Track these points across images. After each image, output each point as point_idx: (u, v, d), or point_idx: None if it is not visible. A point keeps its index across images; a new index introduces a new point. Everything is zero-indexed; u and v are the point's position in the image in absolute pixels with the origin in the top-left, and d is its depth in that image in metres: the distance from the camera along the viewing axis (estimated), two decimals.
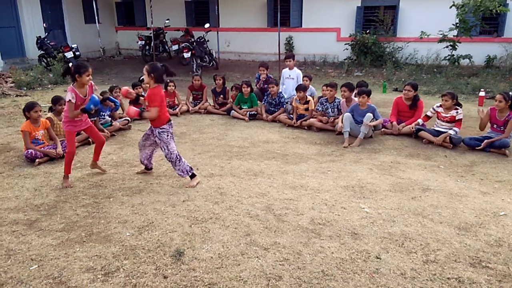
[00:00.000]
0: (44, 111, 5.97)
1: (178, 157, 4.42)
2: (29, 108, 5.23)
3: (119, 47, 17.80)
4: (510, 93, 6.02)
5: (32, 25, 13.67)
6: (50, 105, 5.88)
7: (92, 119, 6.24)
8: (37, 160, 5.11)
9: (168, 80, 8.23)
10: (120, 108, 7.33)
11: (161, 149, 4.46)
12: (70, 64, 4.33)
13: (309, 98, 7.06)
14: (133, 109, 4.34)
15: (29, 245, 3.29)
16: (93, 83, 4.54)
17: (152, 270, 2.95)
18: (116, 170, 4.99)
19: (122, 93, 4.52)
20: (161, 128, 4.36)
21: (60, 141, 5.49)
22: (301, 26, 14.45)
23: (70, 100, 4.23)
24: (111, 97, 5.24)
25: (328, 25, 13.94)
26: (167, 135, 4.39)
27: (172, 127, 4.47)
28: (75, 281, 2.83)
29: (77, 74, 4.21)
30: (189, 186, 4.43)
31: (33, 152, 5.12)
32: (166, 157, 4.44)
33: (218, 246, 3.25)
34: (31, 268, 2.98)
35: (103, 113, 6.63)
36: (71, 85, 4.30)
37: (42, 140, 5.38)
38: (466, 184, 4.56)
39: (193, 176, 4.49)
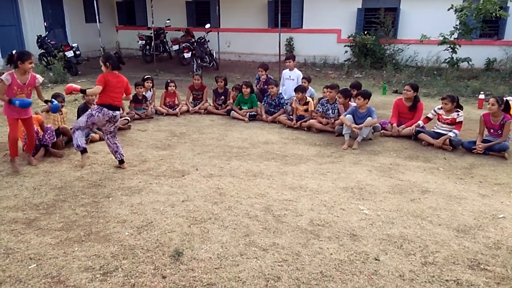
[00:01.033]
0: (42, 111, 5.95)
1: (74, 129, 4.73)
2: None
3: (120, 47, 17.78)
4: (508, 97, 6.04)
5: (33, 24, 13.67)
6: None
7: None
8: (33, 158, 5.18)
9: (169, 80, 8.24)
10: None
11: None
12: (14, 51, 4.57)
13: (309, 99, 7.07)
14: (73, 85, 4.68)
15: (27, 244, 3.29)
16: (37, 75, 4.79)
17: (151, 270, 2.95)
18: (116, 169, 4.98)
19: (66, 91, 4.71)
20: (95, 105, 4.73)
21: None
22: (302, 27, 14.46)
23: (2, 80, 4.46)
24: (54, 100, 5.25)
25: (329, 26, 13.94)
26: (90, 111, 4.70)
27: (101, 114, 4.63)
28: (73, 280, 2.83)
29: (19, 60, 4.48)
30: (81, 161, 4.93)
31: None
32: None
33: (217, 246, 3.25)
34: (29, 267, 2.98)
35: None
36: (11, 71, 4.59)
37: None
38: (465, 186, 4.56)
39: (83, 152, 4.83)
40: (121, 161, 5.00)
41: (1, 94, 4.56)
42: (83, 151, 4.82)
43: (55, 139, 5.49)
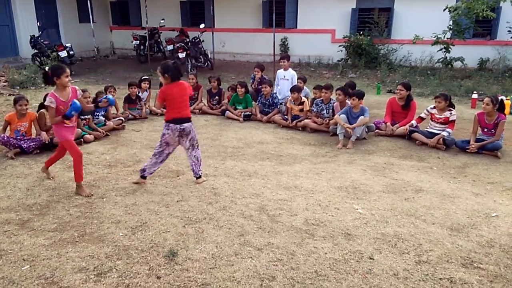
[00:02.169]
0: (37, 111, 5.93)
1: (153, 154, 4.48)
2: (15, 102, 5.54)
3: (114, 47, 17.72)
4: (501, 96, 6.07)
5: (26, 24, 13.58)
6: (42, 102, 5.85)
7: (87, 117, 6.23)
8: (8, 153, 5.33)
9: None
10: (114, 108, 7.31)
11: None
12: (47, 68, 4.16)
13: (304, 99, 7.08)
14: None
15: (21, 245, 3.26)
16: (76, 87, 4.35)
17: (145, 271, 2.94)
18: (110, 170, 4.96)
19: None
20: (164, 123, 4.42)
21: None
22: (296, 27, 14.48)
23: (49, 106, 4.07)
24: (109, 96, 4.75)
25: (323, 26, 13.98)
26: (163, 133, 4.40)
27: (169, 131, 4.30)
28: (67, 281, 2.81)
29: (55, 76, 4.08)
30: (135, 181, 4.55)
31: (5, 137, 5.40)
32: None
33: (212, 246, 3.25)
34: (23, 268, 2.96)
35: (97, 113, 6.60)
36: (51, 91, 4.17)
37: (24, 132, 5.54)
38: (458, 185, 4.59)
39: (142, 177, 4.51)
40: (198, 177, 4.62)
41: (52, 119, 4.16)
42: (143, 177, 4.50)
43: (31, 148, 5.47)
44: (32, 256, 3.11)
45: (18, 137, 5.49)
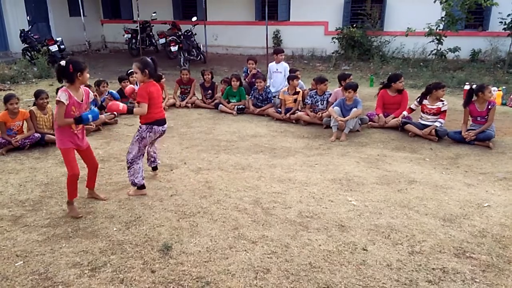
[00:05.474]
0: (29, 105, 5.87)
1: (130, 163, 4.04)
2: (6, 100, 5.42)
3: (105, 41, 17.55)
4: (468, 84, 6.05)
5: (16, 18, 13.40)
6: (34, 99, 5.81)
7: None
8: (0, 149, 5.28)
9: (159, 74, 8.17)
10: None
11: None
12: (63, 62, 3.49)
13: (299, 89, 7.08)
14: (118, 104, 3.88)
15: (14, 241, 3.25)
16: (89, 90, 3.86)
17: (140, 265, 2.94)
18: (103, 164, 4.93)
19: (127, 92, 4.32)
20: (140, 125, 4.00)
21: (42, 133, 5.60)
22: (289, 19, 14.42)
23: (60, 101, 3.43)
24: (113, 92, 4.35)
25: (316, 18, 13.93)
26: (137, 136, 3.98)
27: (151, 133, 3.98)
28: (61, 277, 2.80)
29: (78, 71, 3.48)
30: (131, 192, 4.12)
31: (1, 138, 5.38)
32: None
33: (206, 240, 3.25)
34: (16, 264, 2.95)
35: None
36: (64, 87, 3.56)
37: (16, 131, 5.50)
38: (451, 176, 4.62)
39: (140, 188, 4.11)
40: (155, 168, 4.57)
41: (61, 119, 3.49)
42: (140, 187, 4.10)
43: (26, 144, 5.45)
44: (26, 252, 3.10)
45: (11, 136, 5.44)
